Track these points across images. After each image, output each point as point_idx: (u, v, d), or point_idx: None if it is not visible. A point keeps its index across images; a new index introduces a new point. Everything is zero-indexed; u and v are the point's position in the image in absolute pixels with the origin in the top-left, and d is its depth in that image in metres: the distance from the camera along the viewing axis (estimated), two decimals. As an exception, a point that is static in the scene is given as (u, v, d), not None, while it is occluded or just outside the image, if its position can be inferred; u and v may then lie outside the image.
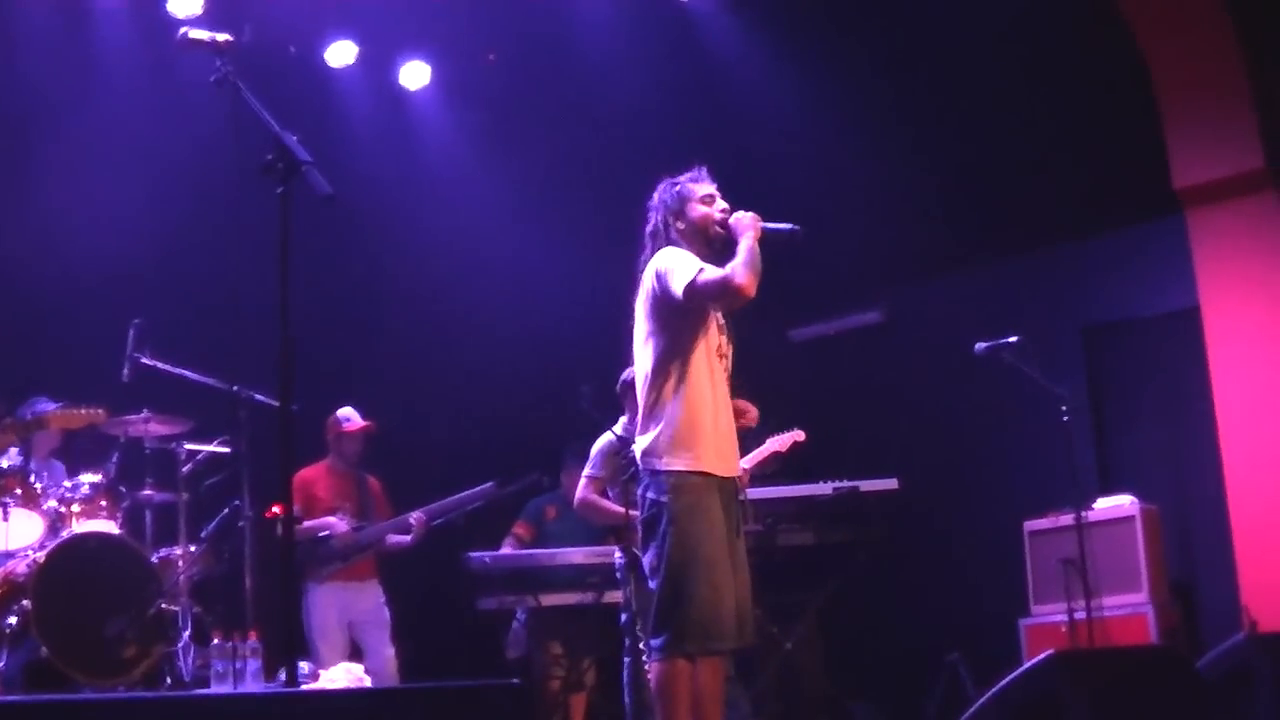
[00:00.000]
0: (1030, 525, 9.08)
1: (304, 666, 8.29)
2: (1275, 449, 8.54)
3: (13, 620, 7.53)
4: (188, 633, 8.00)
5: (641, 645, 7.76)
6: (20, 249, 9.12)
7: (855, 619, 9.78)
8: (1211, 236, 8.79)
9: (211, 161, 9.35)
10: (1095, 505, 8.86)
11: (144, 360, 8.27)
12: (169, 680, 7.80)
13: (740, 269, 5.60)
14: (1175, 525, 9.10)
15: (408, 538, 9.04)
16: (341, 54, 10.23)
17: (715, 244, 5.83)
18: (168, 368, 8.32)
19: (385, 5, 10.04)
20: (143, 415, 8.29)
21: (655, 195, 6.01)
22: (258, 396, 8.55)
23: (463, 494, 9.07)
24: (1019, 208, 9.90)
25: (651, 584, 5.68)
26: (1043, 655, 4.84)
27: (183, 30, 4.50)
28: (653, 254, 5.86)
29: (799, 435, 8.43)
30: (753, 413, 8.02)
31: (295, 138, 4.35)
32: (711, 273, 5.64)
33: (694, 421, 5.67)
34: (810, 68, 10.03)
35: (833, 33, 9.91)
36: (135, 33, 9.57)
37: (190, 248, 9.50)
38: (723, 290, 5.62)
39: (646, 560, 5.69)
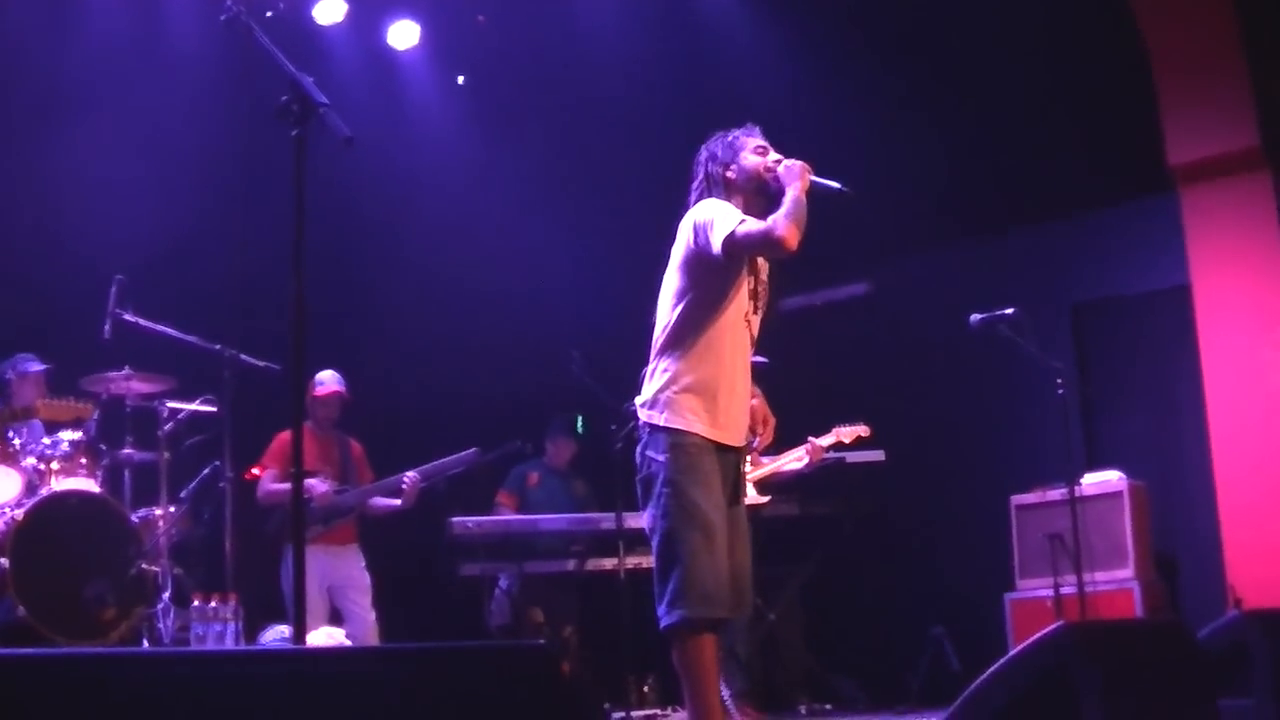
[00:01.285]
0: (1017, 500, 9.08)
1: (284, 630, 8.26)
2: (1263, 427, 8.54)
3: (-11, 578, 7.43)
4: (168, 594, 7.92)
5: None
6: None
7: (839, 592, 9.77)
8: (1204, 214, 8.77)
9: (200, 113, 9.35)
10: (1082, 481, 8.85)
11: (126, 317, 8.15)
12: (147, 643, 7.69)
13: (782, 220, 5.37)
14: (1161, 502, 9.09)
15: (397, 501, 8.95)
16: (330, 11, 10.09)
17: (768, 193, 5.57)
18: (150, 325, 8.20)
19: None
20: (124, 373, 8.18)
21: (704, 148, 5.75)
22: (243, 356, 8.47)
23: (446, 459, 8.98)
24: (1010, 182, 9.87)
25: (652, 545, 5.49)
26: (1053, 626, 4.77)
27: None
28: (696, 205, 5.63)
29: (863, 430, 8.48)
30: (772, 423, 8.04)
31: (311, 79, 4.22)
32: (752, 224, 5.40)
33: (707, 383, 5.43)
34: (803, 41, 9.96)
35: (826, 6, 9.82)
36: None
37: (176, 204, 9.37)
38: (764, 241, 5.37)
39: (645, 521, 5.53)
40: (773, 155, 5.68)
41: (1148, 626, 6.32)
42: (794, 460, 8.57)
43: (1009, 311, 8.00)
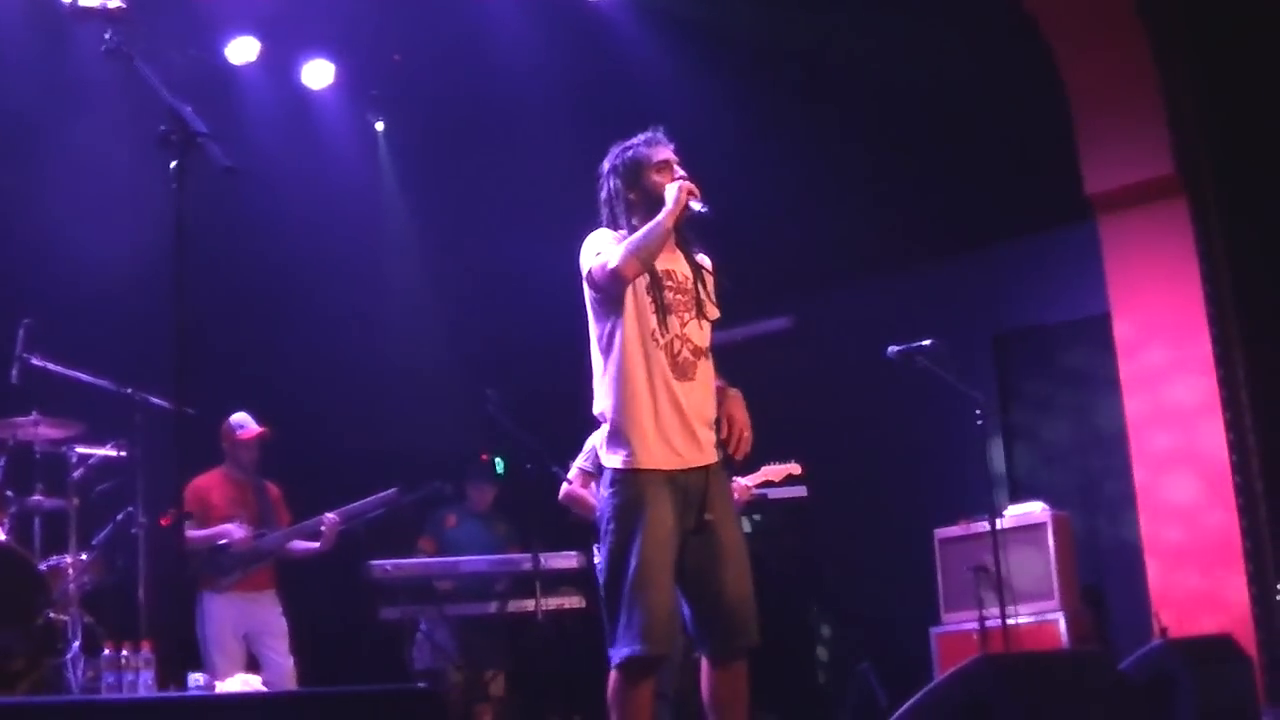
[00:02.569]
0: (941, 533, 9.03)
1: (199, 678, 8.07)
2: (1183, 457, 8.54)
3: (-109, 630, 7.21)
4: (77, 643, 7.71)
5: None
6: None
7: (764, 628, 9.65)
8: (1122, 243, 8.78)
9: (106, 148, 9.19)
10: (1005, 512, 8.83)
11: (34, 361, 7.98)
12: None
13: (622, 252, 5.28)
14: (1087, 532, 9.09)
15: (316, 544, 8.80)
16: (243, 51, 9.98)
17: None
18: (59, 369, 8.03)
19: (288, 2, 9.81)
20: (32, 418, 7.98)
21: (606, 161, 5.65)
22: (153, 400, 8.32)
23: (366, 500, 8.85)
24: (930, 213, 9.88)
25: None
26: (971, 659, 4.72)
27: (73, -1, 4.26)
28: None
29: (795, 468, 8.39)
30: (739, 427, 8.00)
31: (190, 109, 4.12)
32: (604, 256, 5.33)
33: (628, 415, 5.31)
34: (721, 73, 9.91)
35: (742, 38, 9.79)
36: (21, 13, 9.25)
37: (81, 243, 9.20)
38: (604, 275, 5.30)
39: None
40: (676, 171, 5.54)
41: (1069, 657, 6.29)
42: None
43: (927, 343, 7.96)
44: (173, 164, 4.11)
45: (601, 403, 5.42)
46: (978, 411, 7.94)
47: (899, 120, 9.64)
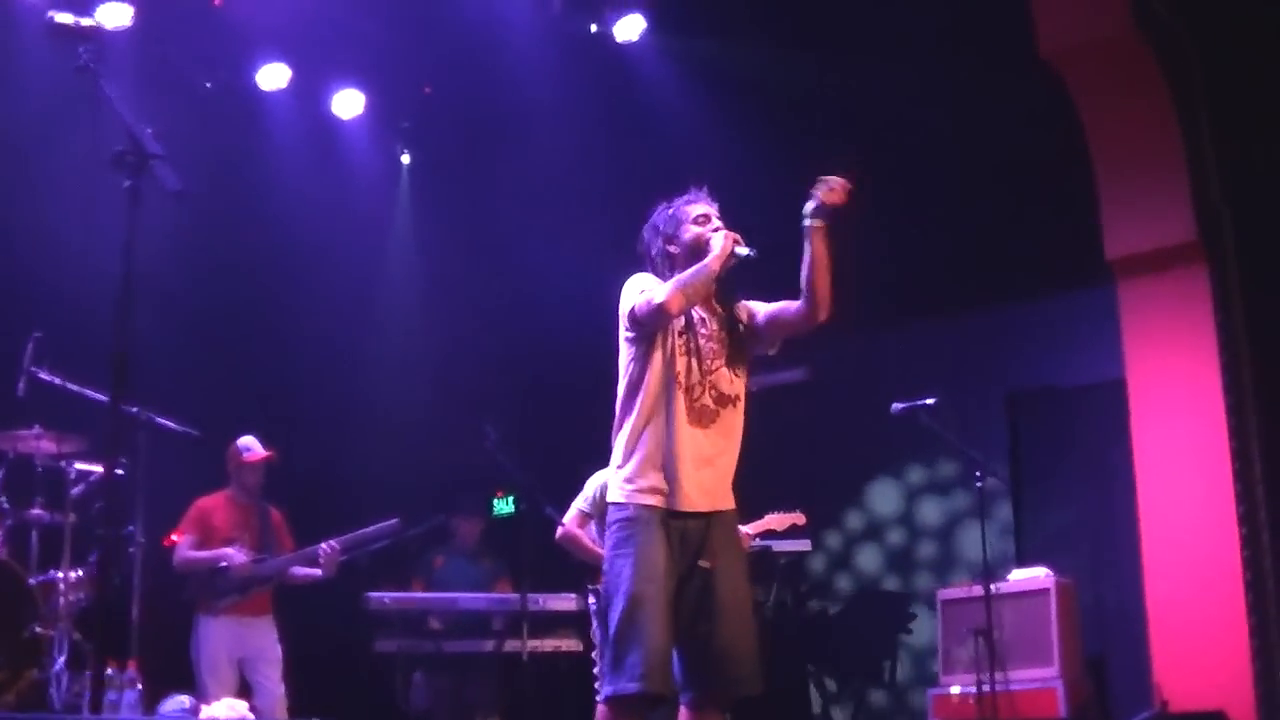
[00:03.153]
0: (944, 594, 8.91)
1: (185, 700, 8.05)
2: (1194, 527, 8.35)
3: (-124, 639, 7.22)
4: (63, 659, 7.71)
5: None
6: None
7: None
8: (1141, 308, 8.63)
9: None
10: (1010, 576, 8.70)
11: (41, 375, 8.01)
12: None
13: (670, 286, 5.35)
14: (1090, 599, 8.92)
15: (318, 570, 8.79)
16: (273, 78, 10.04)
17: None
18: (66, 384, 8.06)
19: (320, 31, 9.86)
20: (34, 431, 8.01)
21: (649, 222, 5.73)
22: (159, 420, 8.36)
23: (367, 529, 8.82)
24: (949, 270, 9.79)
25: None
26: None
27: (48, 15, 4.27)
28: None
29: (799, 518, 8.30)
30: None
31: (150, 130, 4.13)
32: (649, 293, 5.39)
33: (637, 452, 5.36)
34: (745, 122, 9.89)
35: (769, 88, 9.76)
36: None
37: (91, 259, 9.25)
38: (649, 309, 5.35)
39: None
40: (714, 223, 5.62)
41: None
42: None
43: (930, 401, 7.86)
44: (126, 184, 4.06)
45: (619, 434, 5.45)
46: (978, 473, 7.83)
47: (921, 174, 9.57)
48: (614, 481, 5.44)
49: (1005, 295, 9.84)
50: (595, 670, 7.40)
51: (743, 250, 5.48)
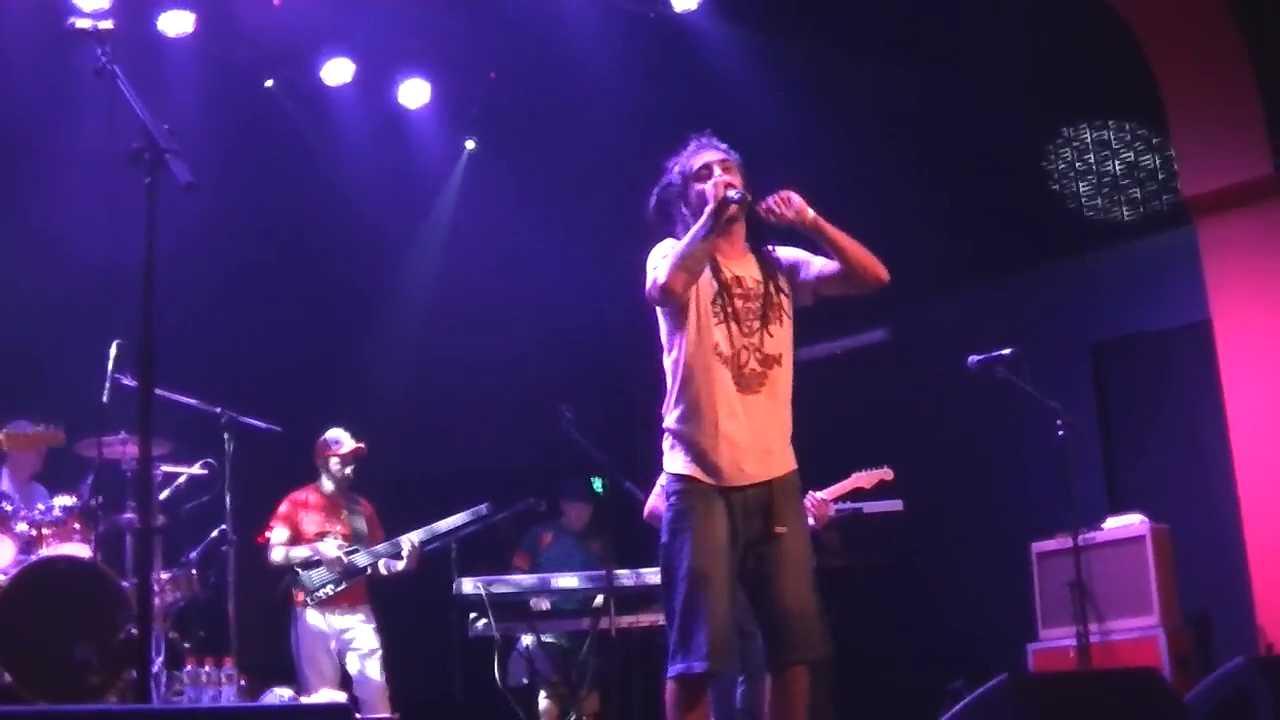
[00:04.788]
0: (1038, 547, 8.79)
1: (285, 693, 8.16)
2: (1291, 466, 8.23)
3: (-23, 645, 7.36)
4: (160, 659, 7.83)
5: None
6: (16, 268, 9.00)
7: (855, 647, 9.49)
8: (1221, 246, 8.50)
9: (202, 170, 9.33)
10: (1104, 525, 8.57)
11: (124, 381, 8.11)
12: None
13: (668, 264, 5.16)
14: (1188, 546, 8.76)
15: (401, 564, 8.85)
16: (338, 72, 10.10)
17: (723, 229, 5.29)
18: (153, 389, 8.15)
19: (383, 23, 9.90)
20: (120, 436, 8.13)
21: (665, 173, 5.58)
22: (243, 419, 8.45)
23: (455, 517, 8.86)
24: (1025, 222, 9.66)
25: None
26: (995, 680, 4.56)
27: (70, 20, 4.33)
28: None
29: (887, 474, 8.23)
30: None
31: (166, 127, 4.16)
32: (656, 272, 5.21)
33: (688, 429, 5.24)
34: (813, 87, 9.82)
35: (830, 47, 9.67)
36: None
37: (173, 263, 9.36)
38: (654, 291, 5.21)
39: None
40: (718, 174, 5.35)
41: (1110, 677, 6.01)
42: None
43: (1006, 352, 7.73)
44: (146, 180, 4.10)
45: (667, 414, 5.34)
46: (1059, 422, 7.71)
47: (994, 129, 9.45)
48: (667, 454, 5.32)
49: (1082, 244, 9.69)
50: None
51: (733, 194, 5.20)
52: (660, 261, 5.25)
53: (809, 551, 5.36)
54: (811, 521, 8.09)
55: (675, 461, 5.27)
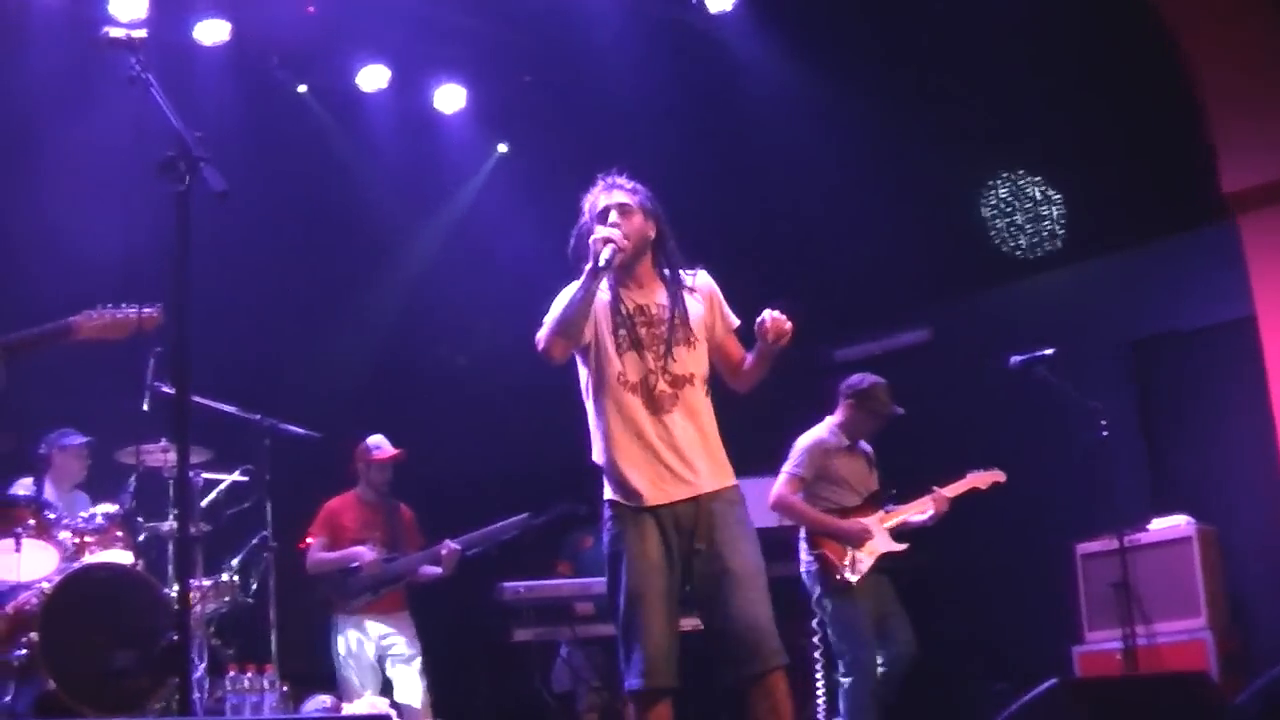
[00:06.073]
0: (1082, 548, 8.73)
1: (326, 699, 8.16)
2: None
3: (21, 653, 7.35)
4: (203, 665, 7.84)
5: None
6: (34, 269, 8.99)
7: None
8: (1265, 242, 8.40)
9: (236, 177, 9.33)
10: (1149, 526, 8.50)
11: (164, 389, 8.13)
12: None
13: (545, 328, 5.38)
14: (1234, 546, 8.66)
15: (439, 569, 8.84)
16: (373, 78, 10.11)
17: (620, 269, 5.43)
18: (191, 397, 8.16)
19: (418, 29, 9.90)
20: (161, 444, 8.15)
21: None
22: (282, 426, 8.48)
23: (496, 525, 8.85)
24: (1064, 219, 9.58)
25: None
26: (1045, 685, 4.51)
27: (103, 30, 4.34)
28: None
29: (999, 476, 8.22)
30: None
31: (199, 134, 4.16)
32: (541, 330, 5.40)
33: (606, 456, 5.40)
34: (848, 86, 9.75)
35: (865, 46, 9.62)
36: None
37: (210, 271, 9.38)
38: (541, 354, 5.40)
39: None
40: (611, 219, 5.44)
41: (1160, 681, 5.94)
42: (918, 512, 8.19)
43: (1048, 352, 7.71)
44: (179, 188, 4.09)
45: (594, 444, 5.49)
46: (1101, 422, 7.65)
47: (1031, 125, 9.38)
48: (604, 479, 5.44)
49: (1122, 240, 9.60)
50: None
51: (605, 255, 5.27)
52: (547, 319, 5.38)
53: (756, 563, 5.33)
54: (931, 513, 8.15)
55: (605, 489, 5.42)
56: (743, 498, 5.45)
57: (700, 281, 5.58)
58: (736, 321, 5.58)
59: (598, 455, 5.44)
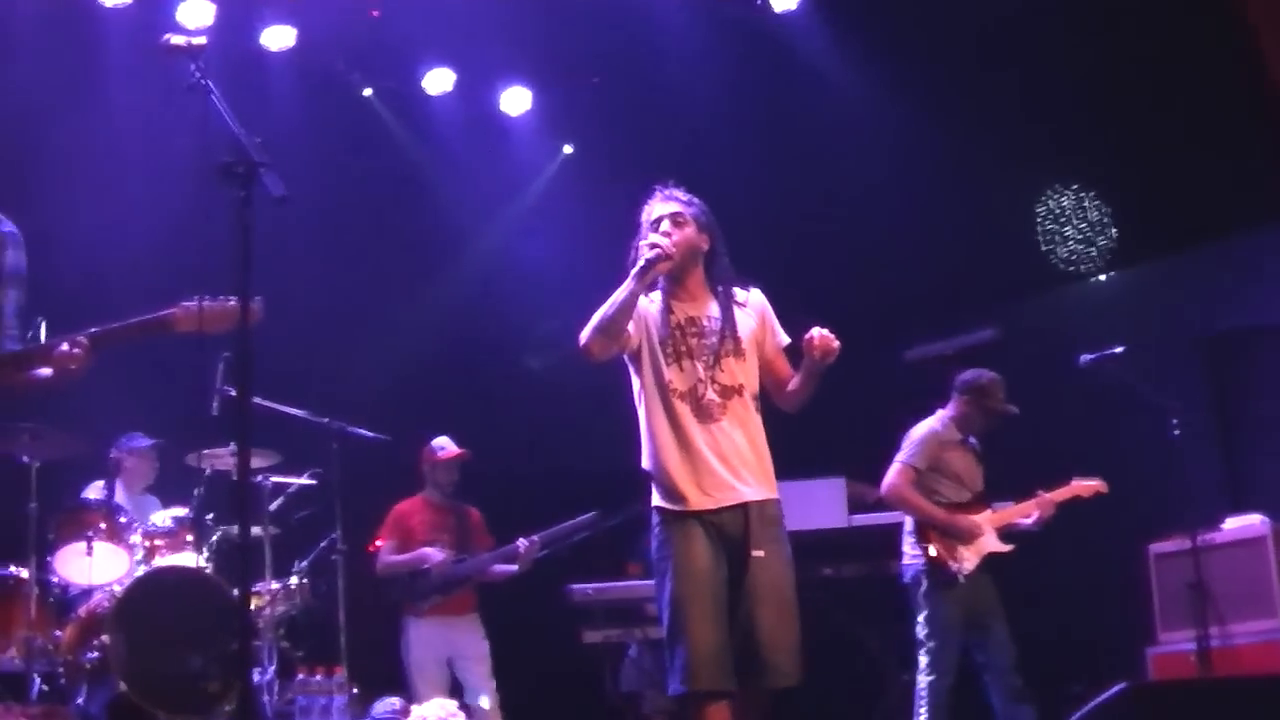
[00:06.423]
0: (1155, 548, 8.62)
1: (395, 701, 8.19)
2: None
3: (93, 655, 7.44)
4: (273, 668, 7.89)
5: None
6: (103, 273, 9.06)
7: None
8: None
9: (312, 186, 9.37)
10: (1224, 525, 8.38)
11: (232, 394, 8.17)
12: (248, 717, 7.64)
13: (588, 326, 5.44)
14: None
15: (514, 566, 8.85)
16: (439, 81, 10.14)
17: (668, 276, 5.54)
18: (260, 401, 8.20)
19: (482, 32, 9.91)
20: (230, 448, 8.17)
21: None
22: (350, 429, 8.51)
23: (566, 524, 8.86)
24: (1135, 215, 9.47)
25: None
26: (1114, 689, 4.45)
27: (165, 37, 4.36)
28: None
29: (1102, 486, 8.12)
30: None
31: (259, 140, 4.18)
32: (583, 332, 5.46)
33: (654, 462, 5.47)
34: (914, 85, 9.68)
35: (934, 45, 9.54)
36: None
37: (276, 275, 9.43)
38: (582, 353, 5.46)
39: None
40: (662, 228, 5.54)
41: (1235, 686, 5.85)
42: (1025, 514, 8.10)
43: (1118, 350, 7.62)
44: (241, 194, 4.11)
45: (642, 447, 5.55)
46: (1174, 422, 7.56)
47: (1106, 121, 9.28)
48: (650, 487, 5.51)
49: (1196, 236, 9.48)
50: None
51: (649, 255, 5.39)
52: (593, 318, 5.46)
53: (789, 579, 5.42)
54: (1036, 516, 8.06)
55: (652, 495, 5.48)
56: (782, 513, 5.52)
57: (753, 298, 5.66)
58: (787, 340, 5.64)
59: (647, 461, 5.50)
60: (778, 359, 5.62)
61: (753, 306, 5.62)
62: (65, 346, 4.11)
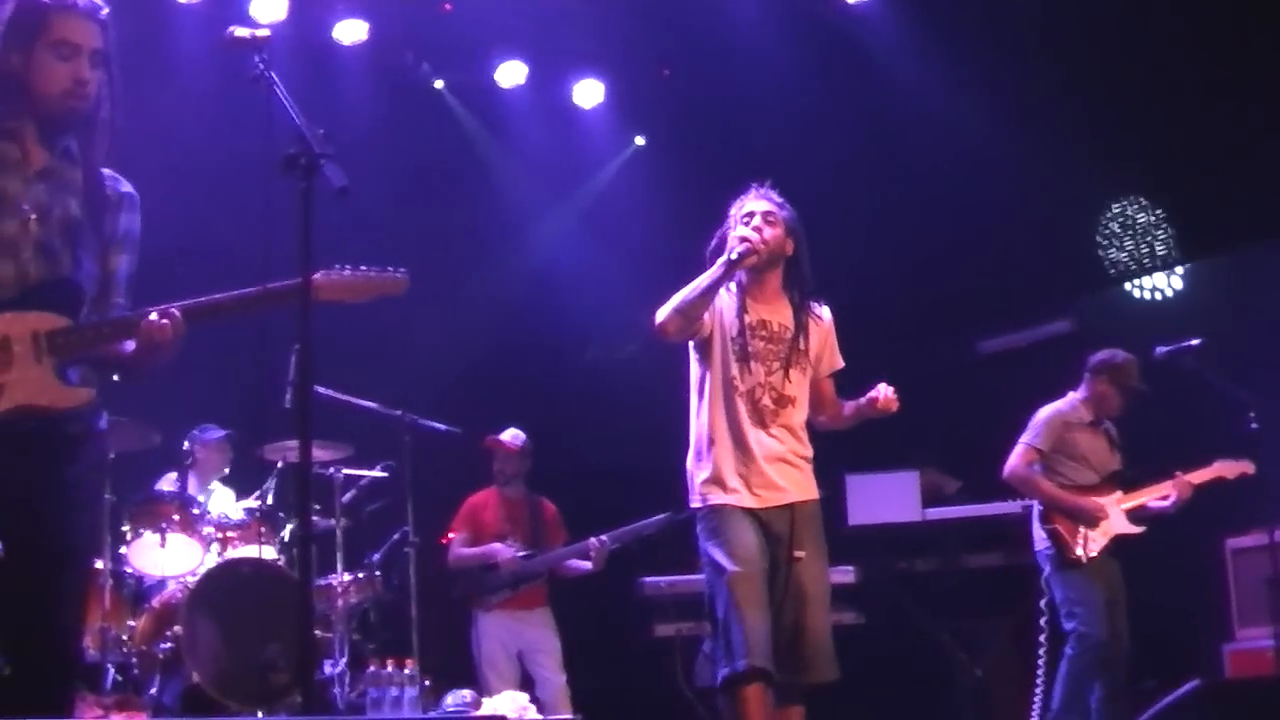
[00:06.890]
0: (1233, 543, 8.51)
1: (466, 695, 8.19)
2: None
3: (167, 646, 7.51)
4: (344, 660, 7.93)
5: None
6: (172, 265, 9.12)
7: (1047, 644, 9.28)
8: None
9: (384, 178, 9.42)
10: (1303, 521, 8.24)
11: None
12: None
13: (667, 306, 5.52)
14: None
15: (588, 564, 8.84)
16: (512, 74, 10.16)
17: (754, 268, 5.63)
18: (330, 393, 8.26)
19: (555, 24, 9.92)
20: (301, 440, 8.23)
21: None
22: (423, 421, 8.52)
23: (639, 523, 8.84)
24: (1212, 206, 9.33)
25: None
26: (1188, 686, 4.39)
27: (229, 29, 4.37)
28: None
29: (1249, 467, 8.02)
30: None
31: (321, 131, 4.17)
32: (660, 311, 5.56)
33: (707, 454, 5.60)
34: (992, 78, 9.58)
35: (1013, 38, 9.44)
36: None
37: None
38: (655, 331, 5.56)
39: None
40: (754, 221, 5.62)
41: None
42: (1158, 497, 8.07)
43: (1194, 342, 7.53)
44: (302, 186, 4.11)
45: (692, 434, 5.69)
46: (1251, 414, 7.45)
47: (1181, 114, 9.15)
48: (693, 480, 5.63)
49: (1271, 227, 9.34)
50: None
51: (737, 250, 5.48)
52: (672, 299, 5.56)
53: (827, 580, 5.62)
54: (1173, 499, 8.01)
55: (698, 485, 5.60)
56: (821, 513, 5.69)
57: (824, 316, 5.80)
58: (841, 364, 5.82)
59: (696, 445, 5.64)
60: (826, 381, 5.80)
61: (823, 324, 5.77)
62: (154, 316, 4.04)
